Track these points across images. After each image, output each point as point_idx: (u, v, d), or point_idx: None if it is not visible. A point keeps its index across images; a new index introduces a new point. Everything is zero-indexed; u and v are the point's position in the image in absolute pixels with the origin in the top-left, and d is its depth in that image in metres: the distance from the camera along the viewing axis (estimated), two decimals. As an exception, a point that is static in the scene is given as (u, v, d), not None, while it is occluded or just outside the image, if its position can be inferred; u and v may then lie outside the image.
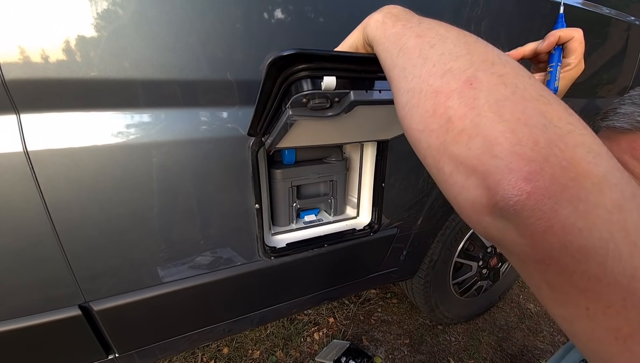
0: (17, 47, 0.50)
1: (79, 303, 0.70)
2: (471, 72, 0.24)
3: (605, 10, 1.13)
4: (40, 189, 0.57)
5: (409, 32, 0.30)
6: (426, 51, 0.27)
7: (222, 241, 0.79)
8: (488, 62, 0.25)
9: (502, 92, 0.23)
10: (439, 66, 0.26)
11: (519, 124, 0.21)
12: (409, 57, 0.28)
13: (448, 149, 0.24)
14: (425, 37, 0.29)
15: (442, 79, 0.25)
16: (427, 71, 0.26)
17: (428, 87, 0.26)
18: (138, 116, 0.62)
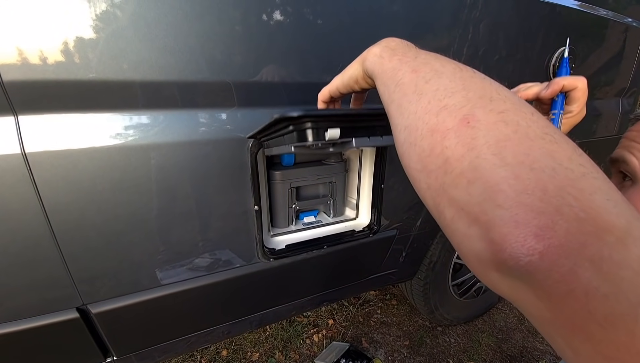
0: (16, 49, 0.49)
1: (76, 305, 0.69)
2: (468, 109, 0.23)
3: (602, 12, 1.13)
4: (38, 191, 0.57)
5: (405, 66, 0.30)
6: (421, 86, 0.26)
7: (221, 243, 0.79)
8: (486, 98, 0.23)
9: (503, 130, 0.21)
10: (434, 103, 0.25)
11: (523, 168, 0.19)
12: (405, 93, 0.28)
13: (447, 192, 0.22)
14: (420, 71, 0.28)
15: (437, 117, 0.24)
16: (422, 108, 0.25)
17: (424, 125, 0.24)
18: (136, 117, 0.62)
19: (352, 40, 0.73)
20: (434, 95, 0.25)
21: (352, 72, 0.39)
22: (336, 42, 0.71)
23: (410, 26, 0.79)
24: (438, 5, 0.80)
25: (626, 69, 1.34)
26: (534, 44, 1.00)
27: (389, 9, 0.73)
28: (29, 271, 0.62)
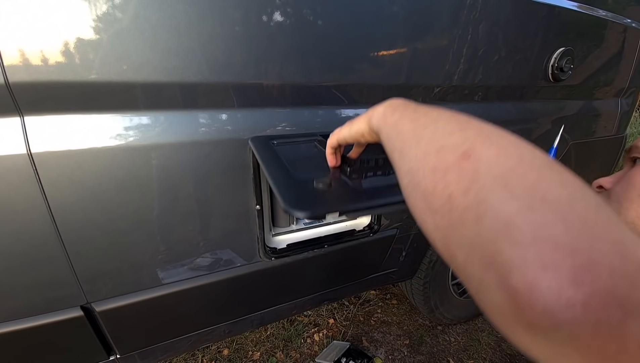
0: (22, 50, 0.50)
1: (81, 304, 0.70)
2: (467, 145, 0.22)
3: (601, 13, 1.14)
4: (43, 190, 0.58)
5: (405, 118, 0.31)
6: (420, 132, 0.27)
7: (222, 243, 0.79)
8: (484, 135, 0.23)
9: (505, 163, 0.20)
10: (432, 144, 0.25)
11: (535, 199, 0.17)
12: (405, 140, 0.29)
13: (456, 231, 0.20)
14: (419, 120, 0.29)
15: (437, 155, 0.24)
16: (422, 150, 0.26)
17: (425, 165, 0.24)
18: (139, 118, 0.62)
19: (352, 41, 0.73)
20: (432, 137, 0.26)
21: (359, 127, 0.41)
22: (336, 43, 0.72)
23: (410, 27, 0.79)
24: (437, 6, 0.81)
25: (625, 69, 1.35)
26: (533, 44, 1.01)
27: (388, 10, 0.74)
28: (34, 270, 0.63)
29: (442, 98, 0.95)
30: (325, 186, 0.47)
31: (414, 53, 0.83)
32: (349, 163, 0.56)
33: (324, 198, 0.45)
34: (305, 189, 0.47)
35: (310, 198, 0.45)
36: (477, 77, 0.95)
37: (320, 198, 0.45)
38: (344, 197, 0.46)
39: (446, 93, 0.94)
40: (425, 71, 0.87)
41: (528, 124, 1.17)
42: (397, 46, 0.79)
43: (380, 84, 0.83)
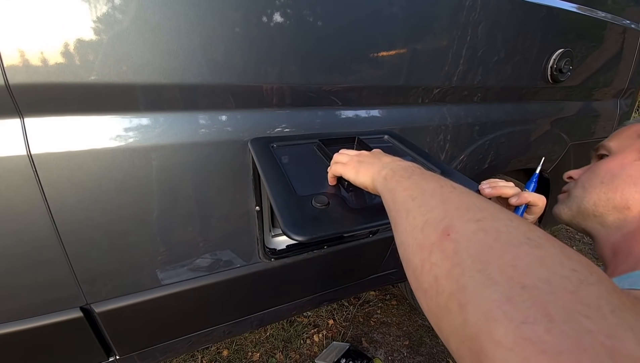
0: (22, 52, 0.50)
1: (80, 305, 0.70)
2: (447, 221, 0.23)
3: (600, 14, 1.14)
4: (43, 192, 0.58)
5: (399, 187, 0.33)
6: (409, 204, 0.29)
7: (222, 244, 0.79)
8: (462, 208, 0.24)
9: (483, 240, 0.20)
10: (418, 218, 0.26)
11: (513, 286, 0.17)
12: (398, 210, 0.31)
13: (445, 317, 0.20)
14: (409, 190, 0.31)
15: (422, 232, 0.25)
16: (410, 224, 0.27)
17: (413, 241, 0.26)
18: (139, 119, 0.63)
19: (351, 42, 0.74)
20: (418, 211, 0.27)
21: (363, 181, 0.44)
22: (336, 44, 0.72)
23: (410, 28, 0.80)
24: (437, 7, 0.81)
25: (624, 70, 1.35)
26: (532, 46, 1.01)
27: (388, 11, 0.74)
28: (34, 271, 0.63)
29: (442, 99, 0.95)
30: (324, 205, 0.49)
31: (413, 54, 0.83)
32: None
33: (321, 221, 0.47)
34: (304, 210, 0.49)
35: (308, 221, 0.47)
36: (476, 78, 0.96)
37: (318, 220, 0.47)
38: (342, 219, 0.48)
39: (445, 94, 0.95)
40: (425, 72, 0.87)
41: (527, 125, 1.18)
42: (397, 47, 0.80)
43: (380, 85, 0.83)
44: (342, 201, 0.52)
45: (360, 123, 0.86)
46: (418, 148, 0.75)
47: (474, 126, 1.04)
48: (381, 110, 0.88)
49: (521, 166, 1.27)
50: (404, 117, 0.92)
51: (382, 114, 0.88)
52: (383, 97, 0.86)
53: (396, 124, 0.90)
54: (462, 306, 0.18)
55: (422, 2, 0.79)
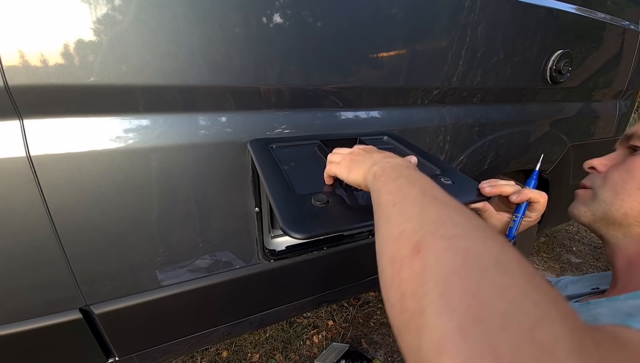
0: (21, 53, 0.50)
1: (79, 306, 0.70)
2: (420, 236, 0.23)
3: (599, 15, 1.14)
4: (42, 193, 0.58)
5: (384, 189, 0.33)
6: (389, 209, 0.29)
7: (221, 245, 0.79)
8: (438, 222, 0.24)
9: (450, 261, 0.20)
10: (395, 227, 0.26)
11: (468, 317, 0.17)
12: (379, 216, 0.30)
13: (405, 336, 0.20)
14: (392, 194, 0.30)
15: (396, 244, 0.24)
16: (387, 232, 0.26)
17: (388, 251, 0.25)
18: (138, 121, 0.63)
19: (351, 43, 0.74)
20: (396, 219, 0.26)
21: (355, 178, 0.43)
22: (335, 45, 0.72)
23: (409, 29, 0.80)
24: (436, 7, 0.81)
25: (623, 71, 1.35)
26: (531, 47, 1.01)
27: (387, 13, 0.74)
28: (33, 273, 0.63)
29: (441, 100, 0.96)
30: (323, 204, 0.49)
31: (413, 55, 0.83)
32: None
33: (320, 218, 0.47)
34: (303, 207, 0.48)
35: (307, 219, 0.46)
36: (475, 79, 0.96)
37: (317, 218, 0.46)
38: (340, 217, 0.48)
39: (445, 95, 0.95)
40: (424, 73, 0.87)
41: (526, 126, 1.18)
42: (396, 48, 0.80)
43: (379, 86, 0.83)
44: (341, 200, 0.51)
45: (360, 124, 0.86)
46: (418, 148, 0.75)
47: (473, 127, 1.04)
48: (381, 111, 0.88)
49: (521, 167, 1.27)
50: (403, 118, 0.92)
51: (382, 115, 0.88)
52: (382, 99, 0.87)
53: (396, 125, 0.90)
54: (419, 330, 0.18)
55: (422, 3, 0.79)
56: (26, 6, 0.49)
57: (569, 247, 2.50)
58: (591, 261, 2.35)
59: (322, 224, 0.45)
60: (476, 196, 0.54)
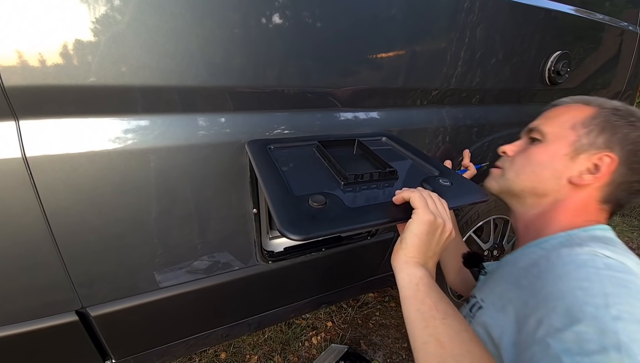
0: (17, 54, 0.50)
1: (76, 308, 0.70)
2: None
3: (598, 17, 1.14)
4: (38, 194, 0.57)
5: (412, 306, 0.44)
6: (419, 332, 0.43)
7: (220, 246, 0.79)
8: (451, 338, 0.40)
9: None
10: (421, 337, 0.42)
11: None
12: (409, 330, 0.44)
13: None
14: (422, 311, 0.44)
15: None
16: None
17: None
18: (136, 121, 0.62)
19: (350, 44, 0.73)
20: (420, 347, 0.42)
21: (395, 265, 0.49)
22: (334, 46, 0.72)
23: (408, 30, 0.79)
24: (436, 9, 0.81)
25: (622, 72, 1.36)
26: (529, 48, 1.01)
27: (386, 14, 0.74)
28: (29, 275, 0.63)
29: (440, 101, 0.95)
30: (321, 205, 0.49)
31: (412, 56, 0.83)
32: (343, 176, 0.57)
33: (318, 219, 0.47)
34: (301, 209, 0.48)
35: (305, 220, 0.46)
36: (474, 80, 0.96)
37: (314, 219, 0.46)
38: (337, 218, 0.48)
39: (444, 96, 0.95)
40: (423, 74, 0.87)
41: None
42: (395, 49, 0.79)
43: (379, 87, 0.83)
44: (339, 201, 0.51)
45: (359, 125, 0.85)
46: (416, 149, 0.75)
47: (472, 127, 1.04)
48: (380, 112, 0.88)
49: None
50: (402, 119, 0.91)
51: (381, 116, 0.88)
52: (382, 99, 0.86)
53: (395, 126, 0.90)
54: None
55: (421, 5, 0.79)
56: (22, 6, 0.48)
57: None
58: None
59: (320, 226, 0.45)
60: (474, 198, 0.55)
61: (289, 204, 0.49)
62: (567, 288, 0.41)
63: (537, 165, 0.60)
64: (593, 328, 0.36)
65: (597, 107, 0.59)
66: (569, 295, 0.40)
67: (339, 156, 0.64)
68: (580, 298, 0.39)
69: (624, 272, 0.41)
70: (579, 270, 0.42)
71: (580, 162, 0.56)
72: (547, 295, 0.43)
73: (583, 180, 0.55)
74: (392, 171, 0.60)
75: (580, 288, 0.40)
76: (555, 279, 0.44)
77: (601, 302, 0.37)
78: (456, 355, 0.37)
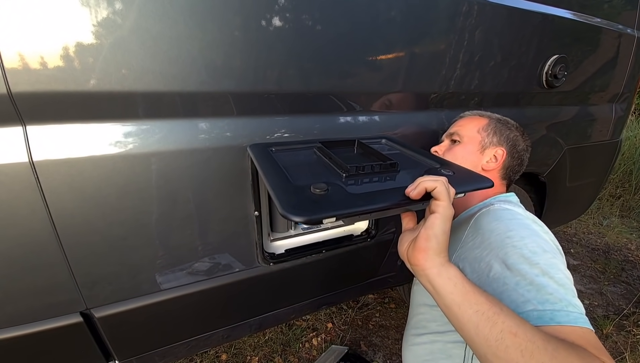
0: (24, 61, 0.51)
1: (80, 310, 0.71)
2: None
3: (595, 20, 1.16)
4: (44, 197, 0.58)
5: (469, 309, 0.44)
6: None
7: (221, 248, 0.80)
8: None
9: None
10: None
11: None
12: (472, 334, 0.44)
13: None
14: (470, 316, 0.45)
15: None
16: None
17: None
18: (139, 126, 0.63)
19: (350, 48, 0.75)
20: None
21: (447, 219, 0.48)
22: (334, 50, 0.73)
23: (407, 35, 0.81)
24: (435, 12, 0.82)
25: (619, 75, 1.37)
26: (527, 52, 1.02)
27: (386, 18, 0.75)
28: (36, 277, 0.64)
29: (439, 104, 0.97)
30: (323, 191, 0.48)
31: (411, 60, 0.84)
32: (344, 168, 0.58)
33: (320, 204, 0.45)
34: (303, 195, 0.48)
35: (307, 204, 0.45)
36: (473, 83, 0.97)
37: (317, 204, 0.45)
38: (340, 202, 0.46)
39: (443, 99, 0.96)
40: (422, 77, 0.88)
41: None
42: (395, 53, 0.81)
43: (378, 91, 0.84)
44: (341, 189, 0.50)
45: (359, 128, 0.86)
46: (416, 148, 0.76)
47: (470, 130, 1.05)
48: (380, 115, 0.89)
49: (518, 170, 1.28)
50: (402, 122, 0.93)
51: (381, 120, 0.89)
52: (381, 103, 0.87)
53: (395, 129, 0.91)
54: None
55: (420, 9, 0.80)
56: (29, 14, 0.50)
57: (567, 249, 2.51)
58: (589, 263, 2.36)
59: (323, 209, 0.44)
60: (480, 184, 0.55)
61: (291, 192, 0.48)
62: (499, 239, 0.57)
63: (461, 159, 0.76)
64: (526, 263, 0.52)
65: (488, 118, 0.82)
66: (502, 243, 0.56)
67: (340, 155, 0.64)
68: (509, 243, 0.55)
69: (524, 218, 0.60)
70: (501, 223, 0.59)
71: (486, 154, 0.78)
72: (488, 245, 0.58)
73: (489, 166, 0.77)
74: (392, 164, 0.60)
75: (508, 237, 0.56)
76: (489, 233, 0.59)
77: (521, 244, 0.54)
78: (529, 337, 0.40)
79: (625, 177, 3.36)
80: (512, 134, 0.80)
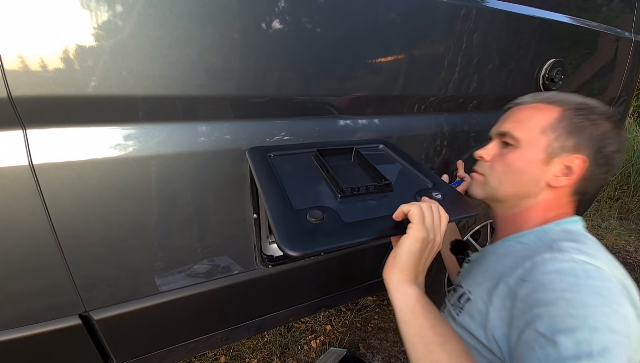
0: (24, 64, 0.51)
1: (79, 312, 0.71)
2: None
3: (592, 24, 1.16)
4: (44, 201, 0.59)
5: (411, 330, 0.46)
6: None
7: (220, 251, 0.80)
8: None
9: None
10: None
11: None
12: (411, 353, 0.45)
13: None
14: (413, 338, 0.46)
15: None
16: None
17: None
18: (138, 129, 0.64)
19: (349, 50, 0.75)
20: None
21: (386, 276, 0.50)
22: (334, 54, 0.74)
23: (406, 39, 0.81)
24: (433, 15, 0.83)
25: (616, 78, 1.37)
26: (524, 56, 1.03)
27: (384, 22, 0.76)
28: (35, 279, 0.64)
29: (438, 108, 0.97)
30: (318, 220, 0.52)
31: (410, 64, 0.85)
32: (340, 189, 0.59)
33: (315, 235, 0.49)
34: (299, 222, 0.51)
35: (303, 237, 0.49)
36: (471, 87, 0.97)
37: (312, 235, 0.49)
38: (334, 233, 0.50)
39: (441, 102, 0.96)
40: (421, 81, 0.89)
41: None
42: (393, 57, 0.81)
43: (377, 95, 0.85)
44: (336, 216, 0.54)
45: (358, 132, 0.87)
46: (412, 159, 0.77)
47: (469, 133, 1.06)
48: (378, 119, 0.90)
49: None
50: (401, 125, 0.93)
51: (380, 123, 0.90)
52: (380, 106, 0.88)
53: (393, 132, 0.91)
54: None
55: (419, 14, 0.81)
56: (30, 18, 0.50)
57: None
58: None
59: (317, 242, 0.48)
60: (464, 213, 0.58)
61: (288, 219, 0.51)
62: (551, 298, 0.45)
63: (516, 172, 0.62)
64: (571, 339, 0.40)
65: (560, 107, 0.60)
66: (554, 305, 0.44)
67: (336, 166, 0.66)
68: (564, 308, 0.43)
69: (600, 279, 0.45)
70: (562, 280, 0.46)
71: (554, 165, 0.59)
72: (534, 302, 0.47)
73: (559, 182, 0.59)
74: (387, 184, 0.62)
75: (563, 299, 0.44)
76: (541, 287, 0.48)
77: (581, 313, 0.42)
78: None
79: (623, 179, 3.37)
80: (599, 131, 0.57)
